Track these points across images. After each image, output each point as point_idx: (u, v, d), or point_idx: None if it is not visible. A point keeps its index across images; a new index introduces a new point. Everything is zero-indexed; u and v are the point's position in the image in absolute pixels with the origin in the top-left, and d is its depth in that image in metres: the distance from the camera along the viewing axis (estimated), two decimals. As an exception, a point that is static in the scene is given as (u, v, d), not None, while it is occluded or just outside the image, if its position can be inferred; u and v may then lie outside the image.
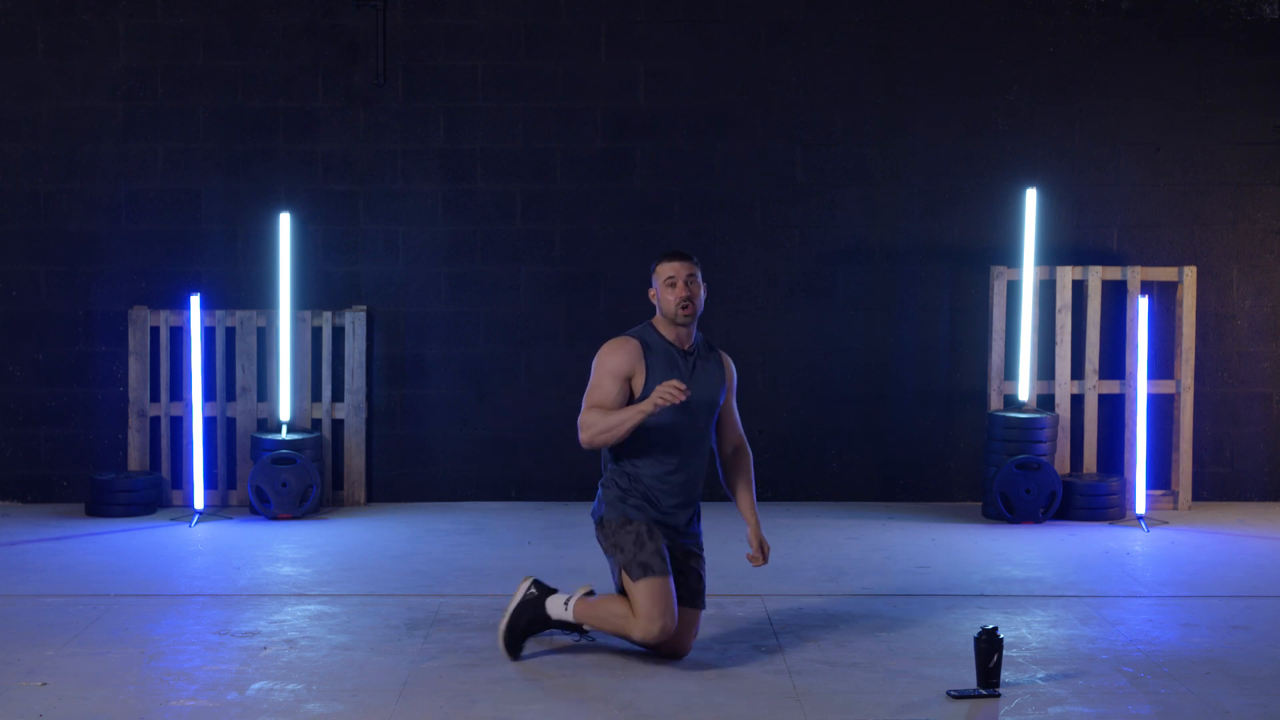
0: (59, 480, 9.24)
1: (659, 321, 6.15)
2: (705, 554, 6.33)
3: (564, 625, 6.20)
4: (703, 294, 6.11)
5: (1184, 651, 6.28)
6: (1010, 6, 9.21)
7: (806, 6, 9.20)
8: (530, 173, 9.22)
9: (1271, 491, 9.33)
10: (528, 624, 6.15)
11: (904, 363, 9.29)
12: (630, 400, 6.04)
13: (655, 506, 6.09)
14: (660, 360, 6.06)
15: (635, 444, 6.06)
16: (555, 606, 6.15)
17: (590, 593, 6.16)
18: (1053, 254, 9.17)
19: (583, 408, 6.06)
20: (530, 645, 6.29)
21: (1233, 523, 8.77)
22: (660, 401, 5.81)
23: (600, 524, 6.15)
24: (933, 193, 9.26)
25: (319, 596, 7.14)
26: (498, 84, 9.21)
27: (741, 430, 6.38)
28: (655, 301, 6.14)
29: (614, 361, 6.06)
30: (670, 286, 6.05)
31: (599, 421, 5.96)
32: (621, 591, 6.08)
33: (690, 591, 6.16)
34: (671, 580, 5.99)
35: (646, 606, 5.93)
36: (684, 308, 6.05)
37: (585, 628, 6.20)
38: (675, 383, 5.83)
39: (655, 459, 6.08)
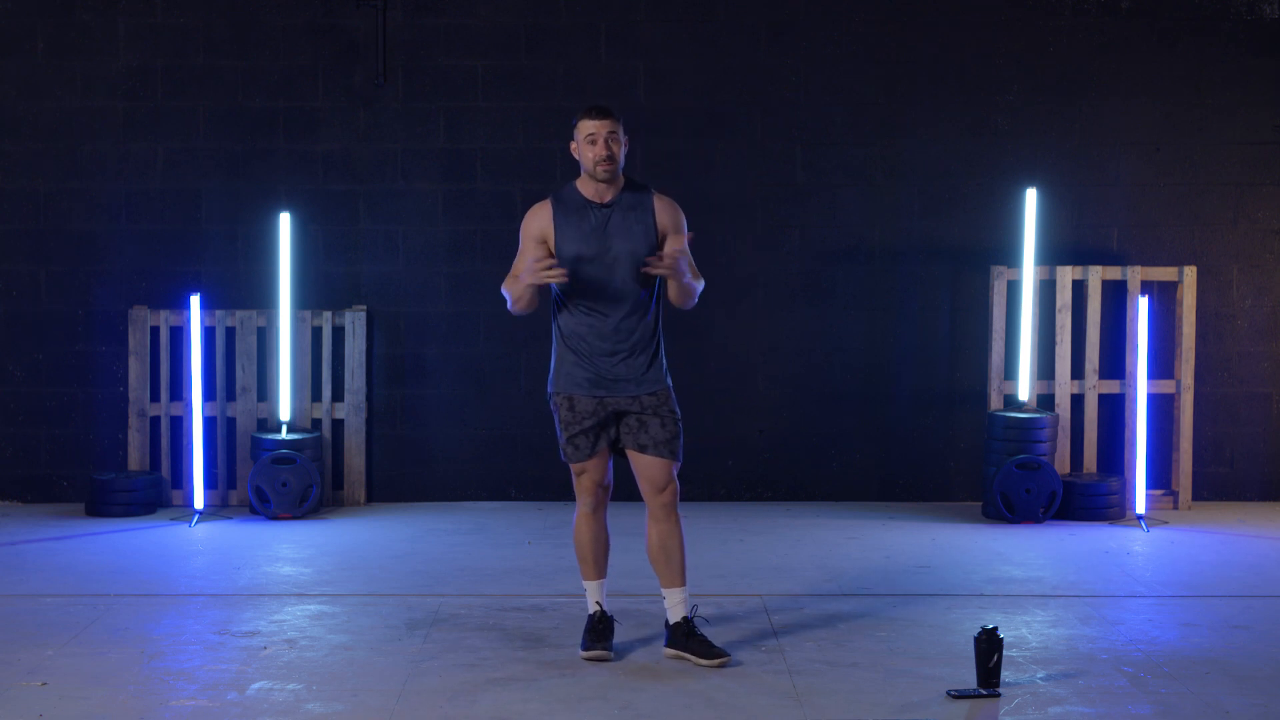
0: (59, 480, 9.24)
1: (582, 178, 6.17)
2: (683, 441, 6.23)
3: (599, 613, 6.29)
4: (624, 150, 6.09)
5: (1184, 651, 6.28)
6: (1010, 6, 9.21)
7: (806, 6, 9.20)
8: (530, 173, 9.22)
9: (1271, 491, 9.33)
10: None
11: (904, 363, 9.28)
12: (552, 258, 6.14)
13: (590, 364, 6.11)
14: (571, 216, 6.11)
15: (564, 301, 6.14)
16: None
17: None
18: (1053, 254, 9.17)
19: None
20: (529, 644, 6.32)
21: (1233, 523, 8.77)
22: (530, 281, 5.97)
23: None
24: (932, 193, 9.26)
25: (319, 596, 7.14)
26: (498, 84, 9.21)
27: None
28: (577, 157, 6.14)
29: (527, 227, 6.18)
30: (590, 144, 6.06)
31: (509, 292, 6.13)
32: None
33: (650, 441, 6.10)
34: (594, 461, 6.13)
35: (576, 491, 6.21)
36: (601, 164, 6.05)
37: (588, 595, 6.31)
38: (535, 264, 5.95)
39: (581, 315, 6.11)
